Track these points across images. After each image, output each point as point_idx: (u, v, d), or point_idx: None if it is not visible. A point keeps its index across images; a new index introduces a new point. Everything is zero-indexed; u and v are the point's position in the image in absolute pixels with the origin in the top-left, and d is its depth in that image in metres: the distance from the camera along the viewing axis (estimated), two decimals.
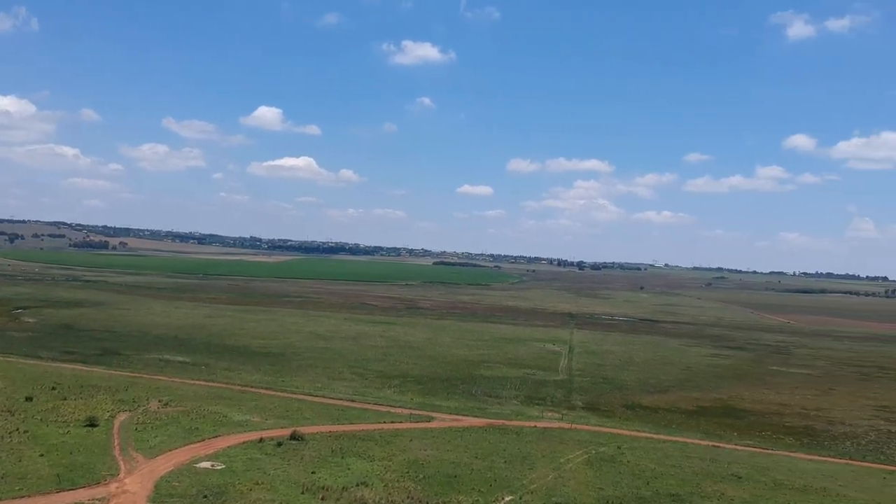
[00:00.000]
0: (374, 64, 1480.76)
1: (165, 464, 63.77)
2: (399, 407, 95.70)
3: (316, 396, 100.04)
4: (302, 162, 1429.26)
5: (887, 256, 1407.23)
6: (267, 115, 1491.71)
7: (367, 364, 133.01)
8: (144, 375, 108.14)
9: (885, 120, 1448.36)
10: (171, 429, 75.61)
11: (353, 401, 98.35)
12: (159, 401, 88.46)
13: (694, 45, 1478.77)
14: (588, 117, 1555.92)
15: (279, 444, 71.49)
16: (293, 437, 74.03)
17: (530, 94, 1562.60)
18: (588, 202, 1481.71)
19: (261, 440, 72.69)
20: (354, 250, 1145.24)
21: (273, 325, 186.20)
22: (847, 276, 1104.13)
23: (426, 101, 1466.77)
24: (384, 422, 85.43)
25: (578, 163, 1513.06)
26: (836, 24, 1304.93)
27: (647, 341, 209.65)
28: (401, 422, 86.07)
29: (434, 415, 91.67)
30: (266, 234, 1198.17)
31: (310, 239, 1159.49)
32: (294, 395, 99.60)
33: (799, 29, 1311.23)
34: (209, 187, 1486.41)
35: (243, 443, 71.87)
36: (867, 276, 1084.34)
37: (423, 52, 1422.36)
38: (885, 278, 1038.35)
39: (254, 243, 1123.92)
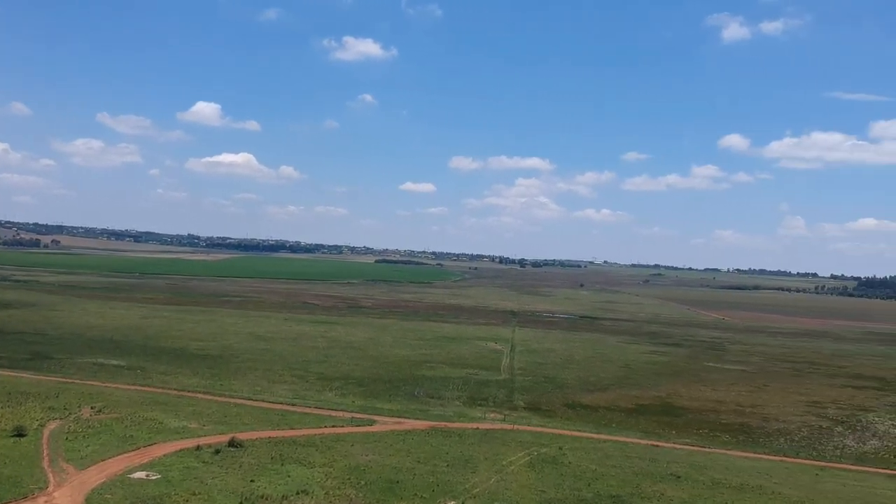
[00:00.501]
0: (315, 60, 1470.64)
1: (97, 475, 61.66)
2: (340, 410, 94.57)
3: (255, 401, 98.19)
4: (241, 158, 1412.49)
5: (816, 254, 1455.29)
6: (205, 110, 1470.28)
7: (307, 366, 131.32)
8: (76, 380, 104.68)
9: (816, 121, 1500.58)
10: (104, 437, 73.21)
11: (293, 405, 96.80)
12: (92, 407, 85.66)
13: (632, 46, 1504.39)
14: (529, 116, 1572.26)
15: (217, 452, 69.77)
16: (232, 443, 72.42)
17: (472, 92, 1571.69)
18: (529, 200, 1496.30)
19: (198, 448, 70.80)
20: (295, 248, 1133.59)
21: (212, 327, 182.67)
22: (779, 273, 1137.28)
23: (368, 97, 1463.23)
24: (325, 426, 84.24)
25: (520, 161, 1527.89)
26: (770, 27, 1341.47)
27: (587, 339, 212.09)
28: (342, 426, 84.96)
29: (376, 418, 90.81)
30: (204, 231, 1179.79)
31: (249, 237, 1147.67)
32: (233, 400, 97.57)
33: (734, 31, 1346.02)
34: (146, 184, 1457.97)
35: (180, 451, 69.96)
36: (798, 273, 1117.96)
37: (364, 48, 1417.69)
38: (814, 275, 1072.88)
39: (192, 241, 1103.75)
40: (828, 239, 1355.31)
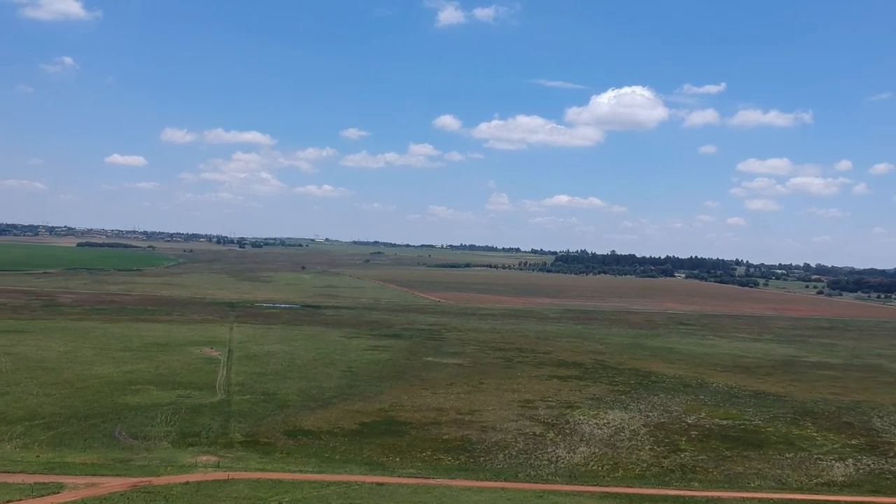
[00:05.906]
0: (3, 16, 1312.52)
1: None
2: (21, 472, 79.16)
3: None
4: None
5: (519, 227, 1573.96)
6: None
7: None
8: None
9: (521, 105, 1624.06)
10: None
11: None
12: None
13: (352, 22, 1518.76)
14: (247, 89, 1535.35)
15: None
16: None
17: (185, 62, 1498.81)
18: (249, 175, 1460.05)
19: None
20: None
21: None
22: (487, 248, 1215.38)
23: (68, 60, 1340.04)
24: None
25: (238, 135, 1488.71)
26: (483, 13, 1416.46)
27: (309, 335, 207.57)
28: (20, 499, 71.24)
29: (65, 480, 77.27)
30: None
31: None
32: None
33: (450, 14, 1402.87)
34: None
35: None
36: (503, 248, 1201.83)
37: (63, 6, 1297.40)
38: (517, 249, 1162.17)
39: None
40: (528, 214, 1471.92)
